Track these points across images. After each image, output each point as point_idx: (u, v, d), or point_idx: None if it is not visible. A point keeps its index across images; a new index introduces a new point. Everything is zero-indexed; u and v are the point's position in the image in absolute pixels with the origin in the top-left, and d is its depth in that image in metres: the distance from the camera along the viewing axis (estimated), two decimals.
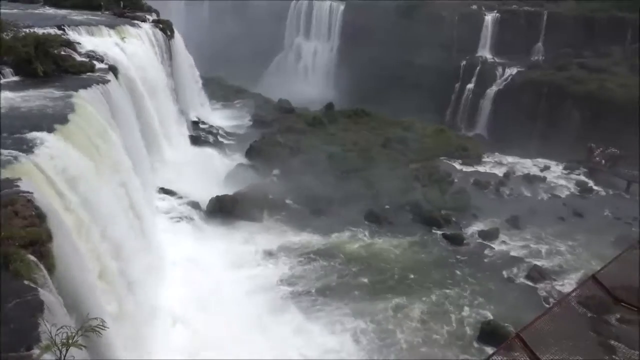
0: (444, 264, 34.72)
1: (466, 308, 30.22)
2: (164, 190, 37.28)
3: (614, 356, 5.05)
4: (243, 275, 30.90)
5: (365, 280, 32.05)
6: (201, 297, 26.62)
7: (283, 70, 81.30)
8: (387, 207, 40.58)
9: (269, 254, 33.71)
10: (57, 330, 6.41)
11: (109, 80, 28.92)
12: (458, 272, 33.89)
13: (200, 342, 23.51)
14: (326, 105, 58.19)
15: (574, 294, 4.96)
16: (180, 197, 37.16)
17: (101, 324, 6.92)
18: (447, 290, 31.74)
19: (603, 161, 51.27)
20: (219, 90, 65.26)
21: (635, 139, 50.01)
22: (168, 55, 45.97)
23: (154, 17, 48.52)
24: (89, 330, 6.70)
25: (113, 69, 31.49)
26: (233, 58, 75.23)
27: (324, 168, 43.71)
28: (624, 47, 63.60)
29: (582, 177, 50.01)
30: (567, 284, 33.01)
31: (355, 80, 69.74)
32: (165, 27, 46.95)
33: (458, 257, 35.77)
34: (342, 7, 77.76)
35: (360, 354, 25.90)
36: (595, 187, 48.26)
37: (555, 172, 51.33)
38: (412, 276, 32.87)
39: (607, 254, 34.34)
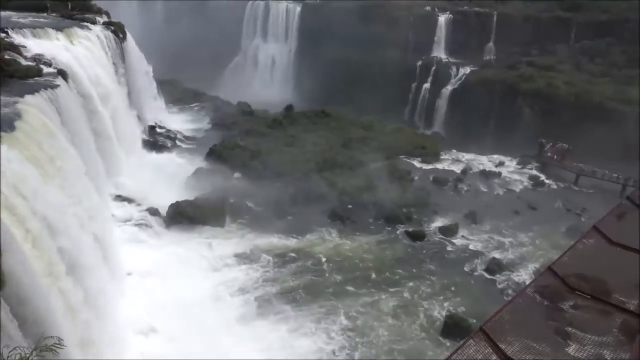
0: (408, 260, 35.35)
1: (431, 302, 30.89)
2: (121, 198, 36.17)
3: (569, 341, 5.25)
4: (208, 281, 30.37)
5: (335, 280, 32.20)
6: (165, 305, 25.95)
7: (241, 73, 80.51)
8: (350, 206, 40.90)
9: (234, 258, 33.27)
10: (10, 351, 6.07)
11: (58, 85, 27.76)
12: (422, 268, 34.57)
13: (169, 352, 22.95)
14: (286, 107, 58.10)
15: (532, 285, 5.13)
16: (139, 204, 36.14)
17: (58, 342, 6.59)
18: (413, 286, 32.34)
19: (554, 155, 53.60)
20: (176, 93, 63.92)
21: (581, 134, 52.64)
22: (121, 58, 44.59)
23: (104, 19, 46.94)
24: (44, 349, 6.37)
25: (62, 73, 30.24)
26: (190, 60, 73.86)
27: (286, 170, 43.60)
28: (569, 45, 66.76)
29: (535, 172, 52.09)
30: (524, 275, 34.30)
31: (314, 81, 69.95)
32: (116, 29, 45.52)
33: (421, 253, 36.49)
34: (298, 9, 77.84)
35: (337, 352, 26.22)
36: (546, 181, 50.36)
37: (510, 167, 53.22)
38: (379, 274, 33.33)
39: (560, 244, 35.96)
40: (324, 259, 34.38)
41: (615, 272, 5.31)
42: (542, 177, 50.87)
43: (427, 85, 68.35)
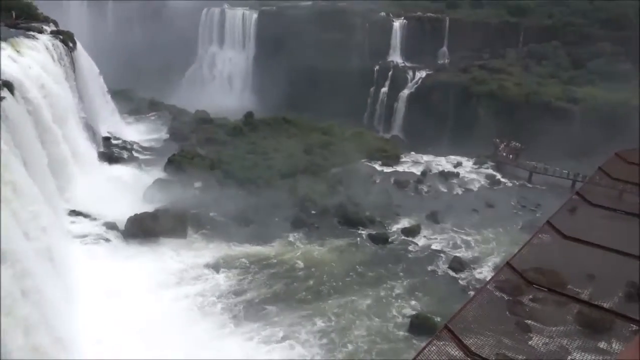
0: (374, 262, 35.73)
1: (398, 303, 31.36)
2: (76, 213, 34.79)
3: (529, 333, 5.41)
4: (172, 294, 29.62)
5: (303, 287, 32.14)
6: (125, 321, 25.09)
7: (199, 81, 79.32)
8: (313, 212, 40.92)
9: (198, 269, 32.63)
10: None
11: (4, 98, 26.47)
12: (388, 269, 35.04)
13: None
14: (246, 114, 57.59)
15: (492, 280, 5.27)
16: (95, 219, 34.87)
17: None
18: (380, 288, 32.73)
19: (508, 155, 55.56)
20: (130, 103, 62.18)
21: (533, 133, 54.87)
22: (71, 68, 43.01)
23: (52, 27, 45.16)
24: None
25: (8, 86, 28.83)
26: (144, 69, 72.07)
27: (247, 178, 43.19)
28: (517, 49, 69.56)
29: (491, 171, 53.78)
30: (485, 271, 35.30)
31: (274, 88, 69.79)
32: (66, 38, 43.90)
33: (386, 255, 36.94)
34: (255, 16, 77.56)
35: (315, 355, 26.36)
36: (502, 179, 52.10)
37: (467, 167, 54.75)
38: (346, 278, 33.53)
39: (517, 240, 37.20)
40: (294, 266, 34.32)
41: (568, 264, 5.53)
42: (498, 175, 52.58)
43: (385, 90, 69.50)
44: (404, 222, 41.36)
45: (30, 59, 34.92)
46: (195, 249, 34.88)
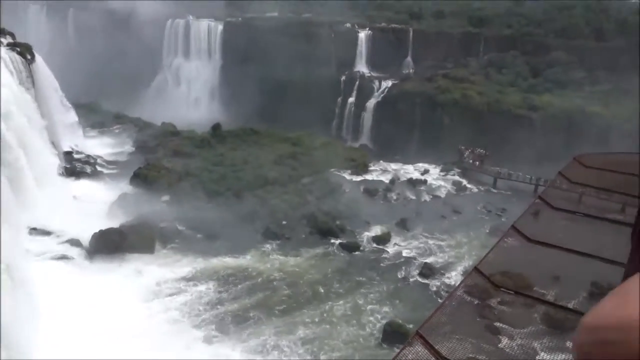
0: (347, 271, 35.84)
1: (370, 311, 31.50)
2: (37, 231, 33.52)
3: (499, 336, 5.51)
4: (142, 311, 28.78)
5: (277, 299, 31.90)
6: (93, 342, 24.17)
7: (164, 92, 78.09)
8: (284, 222, 40.74)
9: (168, 284, 31.90)
10: None
11: None
12: (361, 278, 35.20)
13: None
14: (213, 125, 57.02)
15: (461, 285, 5.34)
16: (57, 236, 33.69)
17: None
18: (353, 297, 32.86)
19: (473, 161, 56.95)
20: (94, 116, 60.67)
21: (496, 139, 56.52)
22: (30, 82, 41.65)
23: (8, 40, 43.71)
24: None
25: None
26: (108, 81, 70.44)
27: (216, 190, 42.68)
28: (479, 58, 71.72)
29: (457, 177, 54.97)
30: (455, 276, 35.90)
31: (241, 99, 69.45)
32: (23, 51, 42.55)
33: (358, 263, 37.11)
34: (220, 27, 77.22)
35: None
36: (468, 185, 53.32)
37: (434, 174, 55.79)
38: (320, 288, 33.52)
39: (484, 244, 38.04)
40: (268, 277, 34.10)
41: (534, 267, 5.68)
42: (464, 182, 53.77)
43: (352, 99, 70.24)
44: (375, 230, 41.69)
45: None
46: (164, 264, 34.10)
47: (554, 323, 5.60)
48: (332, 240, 39.48)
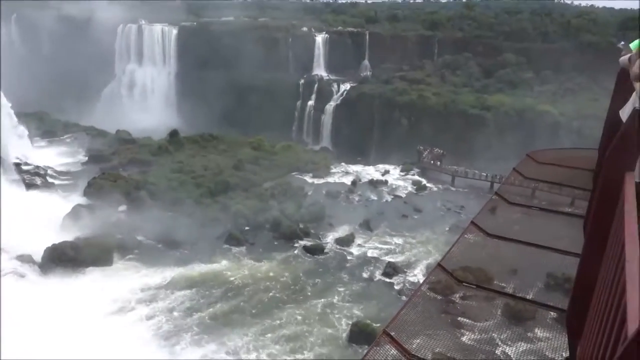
0: (311, 274, 35.78)
1: (337, 312, 31.60)
2: None
3: (462, 330, 5.63)
4: (103, 327, 27.65)
5: (239, 305, 31.45)
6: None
7: (117, 100, 75.77)
8: (246, 228, 40.31)
9: (130, 297, 30.88)
10: None
11: None
12: (326, 280, 35.27)
13: None
14: (170, 132, 55.77)
15: (425, 282, 5.44)
16: (6, 252, 31.95)
17: None
18: (321, 299, 32.85)
19: (431, 161, 58.27)
20: (42, 125, 58.18)
21: (452, 139, 58.08)
22: None
23: None
24: None
25: None
26: (57, 89, 67.67)
27: (176, 197, 41.71)
28: (434, 60, 73.60)
29: (417, 177, 56.05)
30: (418, 274, 36.53)
31: (198, 104, 68.33)
32: None
33: (323, 265, 37.14)
34: (175, 31, 75.77)
35: None
36: (427, 184, 54.46)
37: (394, 174, 56.67)
38: (286, 292, 33.30)
39: (445, 241, 38.96)
40: (231, 283, 33.64)
41: (493, 260, 5.85)
42: (424, 181, 54.91)
43: (311, 103, 70.47)
44: (338, 232, 41.88)
45: None
46: (123, 277, 33.00)
47: (514, 314, 5.82)
48: (296, 244, 39.38)
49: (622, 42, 55.43)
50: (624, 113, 3.54)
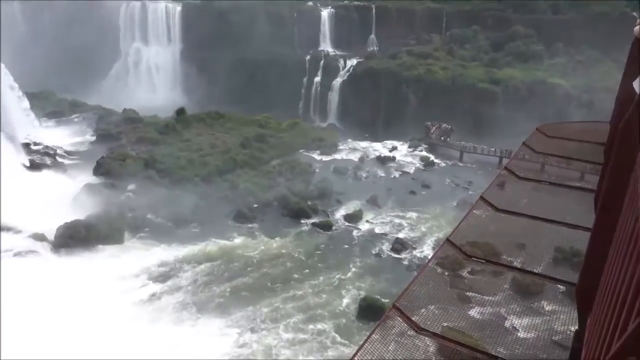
0: (321, 251, 36.17)
1: (347, 287, 32.07)
2: None
3: (470, 304, 5.67)
4: (117, 303, 28.26)
5: (254, 281, 32.01)
6: (68, 341, 23.67)
7: (123, 79, 75.52)
8: (255, 205, 40.55)
9: (142, 275, 31.45)
10: None
11: None
12: (336, 256, 35.67)
13: None
14: (177, 110, 55.69)
15: (434, 257, 5.47)
16: (20, 232, 32.55)
17: None
18: (330, 275, 33.31)
19: (439, 136, 57.82)
20: (50, 105, 58.30)
21: (461, 114, 57.44)
22: None
23: None
24: None
25: None
26: (63, 69, 67.38)
27: (184, 176, 41.95)
28: (442, 34, 72.24)
29: (424, 153, 55.78)
30: (426, 249, 36.73)
31: (204, 82, 67.96)
32: None
33: (332, 242, 37.48)
34: (179, 9, 74.80)
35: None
36: (435, 160, 54.21)
37: (402, 151, 56.42)
38: (299, 268, 33.80)
39: (453, 216, 39.01)
40: (241, 261, 34.15)
41: (502, 235, 5.86)
42: (432, 157, 54.65)
43: (317, 79, 69.77)
44: (346, 209, 42.03)
45: None
46: (135, 254, 33.54)
47: (522, 288, 5.85)
48: (305, 221, 39.62)
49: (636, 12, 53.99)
50: (639, 84, 3.48)
